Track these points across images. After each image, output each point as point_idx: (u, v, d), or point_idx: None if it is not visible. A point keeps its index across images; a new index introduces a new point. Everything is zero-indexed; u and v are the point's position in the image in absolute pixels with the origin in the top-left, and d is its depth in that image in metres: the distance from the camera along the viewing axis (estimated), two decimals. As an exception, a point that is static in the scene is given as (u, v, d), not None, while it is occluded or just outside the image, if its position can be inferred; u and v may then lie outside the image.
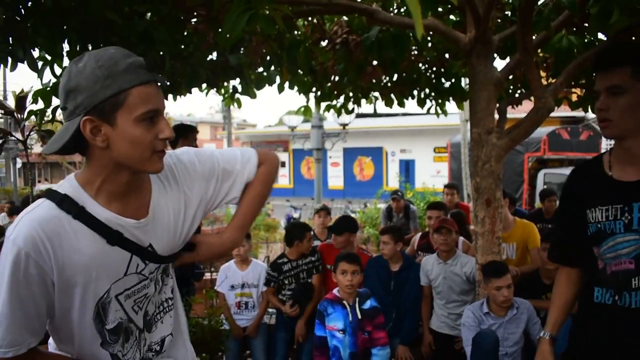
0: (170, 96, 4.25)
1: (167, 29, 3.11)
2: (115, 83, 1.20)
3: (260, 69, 4.52)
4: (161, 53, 3.36)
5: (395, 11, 3.97)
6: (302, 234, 4.22)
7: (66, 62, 3.16)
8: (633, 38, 3.81)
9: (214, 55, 4.17)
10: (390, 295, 4.08)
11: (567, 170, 12.73)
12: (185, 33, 3.61)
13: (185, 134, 3.93)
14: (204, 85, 4.52)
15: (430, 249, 4.61)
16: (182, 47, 3.74)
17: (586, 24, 3.61)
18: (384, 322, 3.49)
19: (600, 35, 3.70)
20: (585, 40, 3.72)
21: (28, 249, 1.21)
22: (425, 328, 4.07)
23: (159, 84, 1.30)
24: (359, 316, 3.38)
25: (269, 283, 4.23)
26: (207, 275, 5.40)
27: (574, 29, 3.75)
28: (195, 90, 4.46)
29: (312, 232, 4.49)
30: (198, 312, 4.34)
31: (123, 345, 1.40)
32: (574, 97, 4.82)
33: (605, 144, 16.66)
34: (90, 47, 3.10)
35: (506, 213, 4.39)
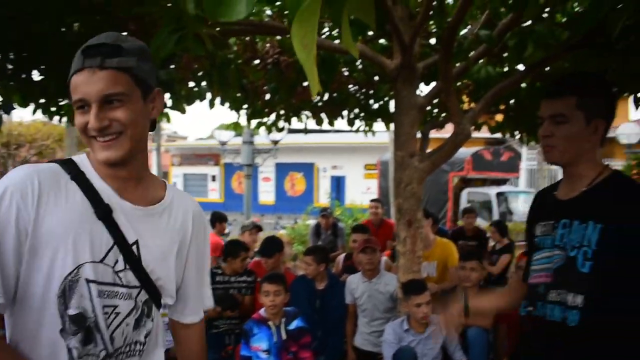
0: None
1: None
2: (71, 70, 1.24)
3: (191, 84, 4.50)
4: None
5: (326, 34, 4.06)
6: (235, 252, 4.21)
7: None
8: (547, 69, 4.10)
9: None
10: (315, 314, 4.12)
11: (489, 190, 13.32)
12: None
13: None
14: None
15: (354, 271, 4.69)
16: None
17: (505, 54, 3.85)
18: (310, 341, 3.51)
19: (519, 66, 3.96)
20: (501, 70, 3.94)
21: (15, 189, 1.18)
22: (349, 346, 4.13)
23: (100, 66, 1.21)
24: (284, 337, 3.39)
25: None
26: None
27: (494, 59, 3.99)
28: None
29: (248, 253, 4.47)
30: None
31: (81, 344, 1.24)
32: (492, 123, 5.10)
33: (525, 165, 17.57)
34: (11, 57, 2.99)
35: (427, 232, 4.55)
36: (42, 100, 3.79)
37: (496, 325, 3.72)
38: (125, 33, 3.54)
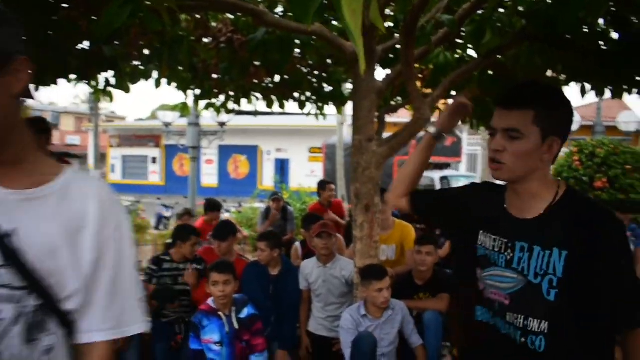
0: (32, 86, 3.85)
1: (34, 13, 2.81)
2: None
3: (137, 63, 4.28)
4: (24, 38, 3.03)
5: (281, 14, 3.94)
6: (185, 236, 4.07)
7: None
8: (499, 57, 4.15)
9: (86, 45, 3.86)
10: (269, 300, 4.05)
11: (432, 174, 13.60)
12: (57, 19, 3.30)
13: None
14: (73, 77, 4.17)
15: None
16: (50, 33, 3.41)
17: (460, 41, 3.85)
18: (261, 328, 3.44)
19: (472, 53, 3.98)
20: (458, 57, 3.95)
21: None
22: (303, 331, 4.10)
23: None
24: (236, 326, 3.30)
25: (149, 279, 4.01)
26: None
27: (449, 45, 3.99)
28: (60, 80, 4.10)
29: (198, 238, 4.32)
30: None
31: None
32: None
33: (466, 149, 18.04)
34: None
35: (388, 215, 4.54)
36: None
37: (451, 308, 3.77)
38: (66, 6, 3.33)
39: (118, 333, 1.19)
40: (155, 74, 4.43)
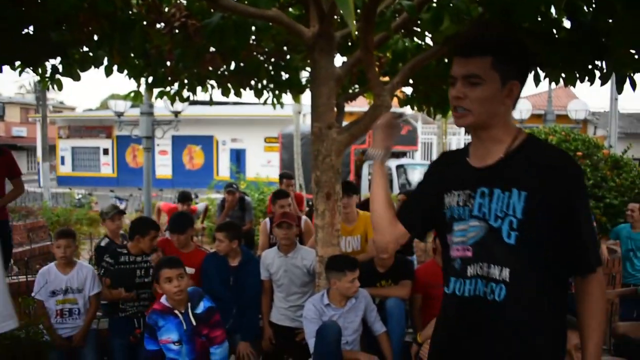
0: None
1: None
2: None
3: (86, 49, 4.09)
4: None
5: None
6: (144, 230, 3.95)
7: None
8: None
9: (30, 30, 3.66)
10: (229, 291, 3.98)
11: (389, 162, 13.69)
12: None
13: None
14: (17, 63, 3.96)
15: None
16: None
17: (418, 29, 3.84)
18: (219, 319, 3.32)
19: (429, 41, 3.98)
20: (416, 44, 3.95)
21: None
22: (265, 322, 4.05)
23: None
24: (194, 323, 3.20)
25: (106, 272, 3.89)
26: (22, 279, 4.79)
27: (408, 32, 3.97)
28: (5, 68, 3.88)
29: (157, 232, 4.19)
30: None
31: None
32: (402, 96, 5.14)
33: (422, 139, 18.26)
34: None
35: (352, 208, 4.54)
36: None
37: (413, 296, 3.80)
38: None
39: None
40: (106, 61, 4.26)
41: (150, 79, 4.95)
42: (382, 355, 3.50)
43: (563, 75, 3.92)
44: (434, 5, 3.28)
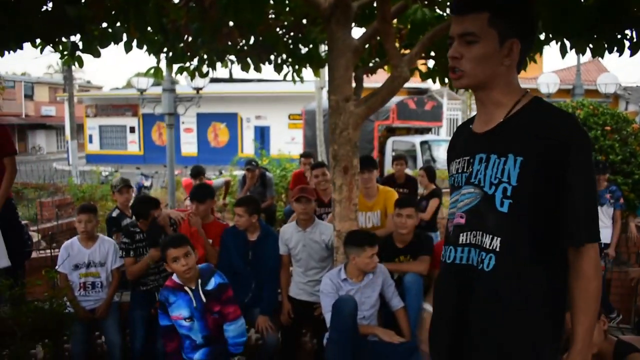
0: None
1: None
2: None
3: (105, 25, 4.09)
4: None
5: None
6: (145, 213, 3.98)
7: None
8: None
9: (49, 6, 3.66)
10: (248, 266, 4.01)
11: (413, 138, 13.57)
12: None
13: None
14: (38, 41, 3.98)
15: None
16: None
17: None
18: (232, 296, 3.32)
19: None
20: (436, 14, 3.84)
21: None
22: (284, 296, 4.06)
23: None
24: (204, 299, 3.21)
25: (127, 253, 3.94)
26: (47, 253, 4.89)
27: (428, 2, 3.87)
28: (27, 45, 3.90)
29: (159, 208, 4.21)
30: (37, 295, 3.90)
31: None
32: (424, 69, 5.03)
33: (447, 114, 18.01)
34: None
35: (373, 183, 4.51)
36: None
37: (432, 271, 3.76)
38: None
39: None
40: (125, 37, 4.25)
41: (169, 55, 4.95)
42: (399, 330, 3.49)
43: (590, 45, 3.79)
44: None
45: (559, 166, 1.39)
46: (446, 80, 5.00)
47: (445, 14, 3.92)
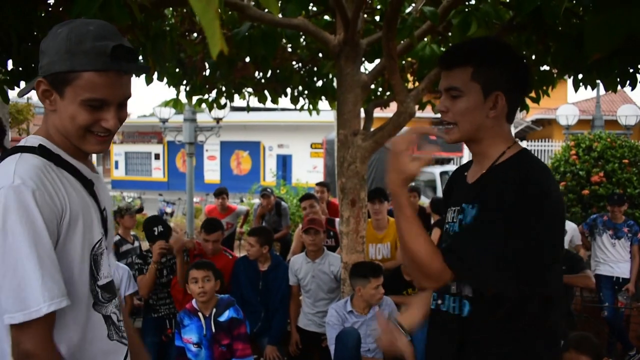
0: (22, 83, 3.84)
1: (14, 8, 2.80)
2: (70, 61, 1.21)
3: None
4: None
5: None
6: (154, 240, 4.04)
7: None
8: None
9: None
10: (259, 295, 4.05)
11: (433, 169, 13.53)
12: (40, 15, 3.29)
13: None
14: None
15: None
16: (35, 30, 3.39)
17: (449, 33, 3.81)
18: (245, 333, 3.33)
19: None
20: (445, 50, 3.91)
21: (41, 191, 1.18)
22: (293, 326, 4.09)
23: (130, 72, 1.31)
24: (214, 329, 3.25)
25: (141, 271, 4.03)
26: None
27: (440, 37, 3.95)
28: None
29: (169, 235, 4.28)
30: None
31: (116, 307, 1.38)
32: (437, 102, 5.09)
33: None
34: None
35: (384, 215, 4.54)
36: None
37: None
38: (51, 2, 3.31)
39: (9, 319, 1.16)
40: (145, 70, 4.41)
41: (188, 87, 5.10)
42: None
43: (603, 80, 3.81)
44: (462, 10, 3.25)
45: (491, 206, 1.41)
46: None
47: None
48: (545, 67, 4.29)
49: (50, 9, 3.22)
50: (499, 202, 1.38)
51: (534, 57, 4.05)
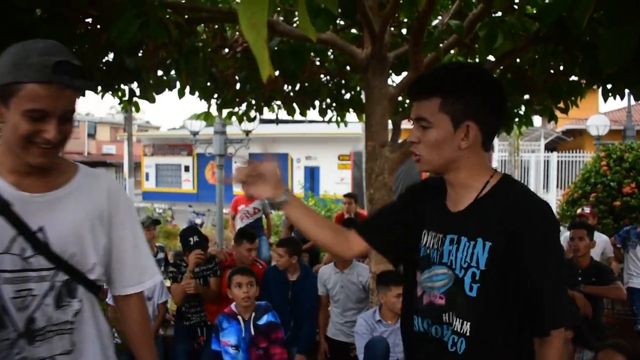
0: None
1: (53, 28, 2.95)
2: (15, 73, 1.28)
3: (160, 73, 4.40)
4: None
5: (297, 24, 4.01)
6: (190, 249, 4.12)
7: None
8: (518, 60, 4.12)
9: (110, 57, 4.00)
10: (288, 305, 4.10)
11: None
12: (79, 33, 3.44)
13: None
14: (99, 88, 4.32)
15: None
16: (74, 47, 3.55)
17: (476, 45, 3.84)
18: (281, 337, 3.44)
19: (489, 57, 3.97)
20: (472, 62, 3.95)
21: None
22: (322, 336, 4.13)
23: (72, 86, 1.34)
24: (253, 332, 3.34)
25: (175, 280, 4.12)
26: (99, 286, 5.14)
27: (466, 50, 3.99)
28: (89, 92, 4.24)
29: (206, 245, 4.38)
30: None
31: (3, 330, 1.36)
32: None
33: (497, 155, 17.79)
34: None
35: None
36: None
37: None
38: (88, 19, 3.47)
39: (142, 286, 1.62)
40: (178, 84, 4.55)
41: (219, 101, 5.24)
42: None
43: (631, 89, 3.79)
44: (488, 22, 3.29)
45: (518, 256, 1.38)
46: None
47: (486, 61, 4.02)
48: (574, 78, 4.29)
49: (89, 27, 3.36)
50: (520, 240, 1.36)
51: (561, 67, 4.06)
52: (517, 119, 4.98)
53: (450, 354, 1.45)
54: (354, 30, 4.39)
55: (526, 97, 4.69)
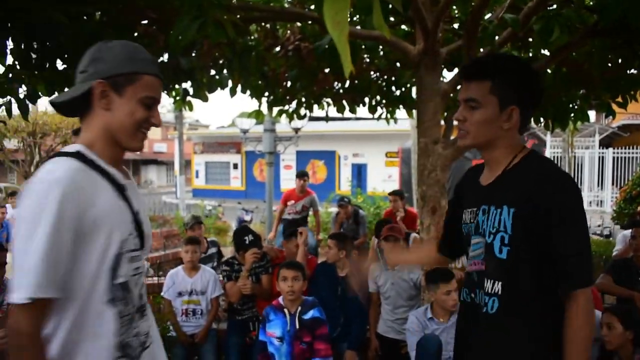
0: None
1: (116, 30, 3.06)
2: (133, 64, 1.43)
3: (212, 72, 4.50)
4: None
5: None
6: (245, 248, 4.18)
7: (9, 59, 3.07)
8: (574, 54, 4.01)
9: (165, 58, 4.12)
10: (338, 300, 4.12)
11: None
12: (136, 35, 3.56)
13: None
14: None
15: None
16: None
17: (530, 39, 3.76)
18: (326, 333, 3.44)
19: (544, 51, 3.87)
20: (527, 56, 3.86)
21: (72, 190, 1.32)
22: (372, 333, 4.13)
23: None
24: (297, 326, 3.38)
25: (229, 278, 4.21)
26: (154, 280, 5.31)
27: (520, 43, 3.91)
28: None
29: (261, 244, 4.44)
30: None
31: (125, 307, 1.46)
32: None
33: (549, 152, 17.31)
34: (35, 46, 3.02)
35: None
36: (66, 89, 3.82)
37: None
38: (144, 21, 3.59)
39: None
40: (230, 83, 4.64)
41: (270, 99, 5.30)
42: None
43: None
44: (544, 15, 3.22)
45: (545, 224, 1.50)
46: (541, 119, 4.94)
47: (540, 55, 3.93)
48: (633, 71, 4.14)
49: (147, 28, 3.47)
50: (542, 204, 1.50)
51: (620, 60, 3.93)
52: (572, 114, 4.83)
53: (483, 315, 1.61)
54: (403, 27, 4.36)
55: (582, 91, 4.55)
